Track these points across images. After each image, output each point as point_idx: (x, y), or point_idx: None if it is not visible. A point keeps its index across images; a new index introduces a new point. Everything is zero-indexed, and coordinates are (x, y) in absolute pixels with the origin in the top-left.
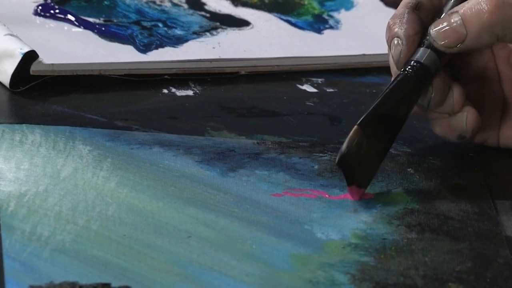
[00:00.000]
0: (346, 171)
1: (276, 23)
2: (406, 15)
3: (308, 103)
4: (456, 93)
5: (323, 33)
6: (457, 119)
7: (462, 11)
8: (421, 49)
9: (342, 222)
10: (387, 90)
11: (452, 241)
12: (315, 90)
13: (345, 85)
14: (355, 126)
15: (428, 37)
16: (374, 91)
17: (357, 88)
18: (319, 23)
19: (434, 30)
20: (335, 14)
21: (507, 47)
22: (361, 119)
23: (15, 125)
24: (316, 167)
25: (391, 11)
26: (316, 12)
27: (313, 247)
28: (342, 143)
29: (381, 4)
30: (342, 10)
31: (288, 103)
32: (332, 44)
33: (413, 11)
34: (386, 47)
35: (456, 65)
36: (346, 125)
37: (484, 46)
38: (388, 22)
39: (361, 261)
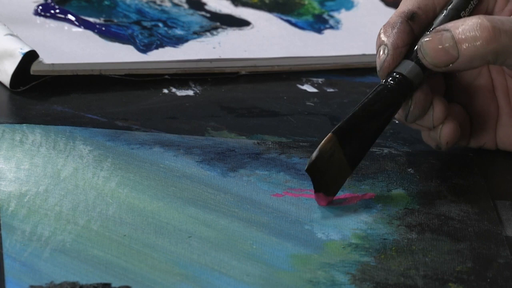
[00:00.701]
0: (315, 178)
1: (277, 23)
2: (398, 25)
3: (308, 103)
4: (436, 110)
5: (323, 33)
6: (434, 130)
7: (457, 33)
8: (407, 61)
9: (343, 222)
10: (366, 100)
11: (452, 241)
12: (315, 90)
13: (345, 85)
14: (329, 134)
15: (416, 50)
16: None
17: (357, 88)
18: (319, 23)
19: (425, 47)
20: (335, 14)
21: None
22: (336, 127)
23: (16, 125)
24: None
25: (391, 11)
26: (316, 12)
27: (313, 247)
28: None
29: (382, 4)
30: (343, 10)
31: (288, 103)
32: (333, 44)
33: (406, 21)
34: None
35: (450, 73)
36: None
37: (473, 68)
38: (380, 29)
39: (362, 261)
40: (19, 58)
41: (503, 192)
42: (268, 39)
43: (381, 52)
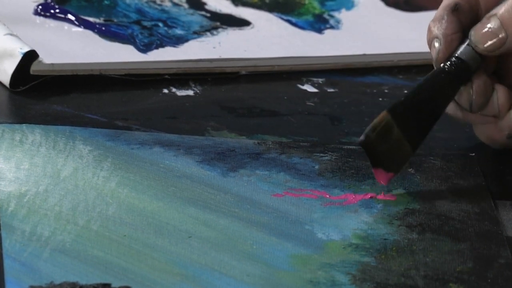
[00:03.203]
0: (371, 153)
1: (277, 23)
2: (445, 17)
3: (308, 103)
4: (501, 95)
5: (323, 33)
6: (503, 118)
7: (500, 15)
8: (462, 46)
9: (343, 222)
10: (422, 81)
11: (453, 242)
12: (315, 90)
13: (346, 85)
14: (384, 111)
15: (469, 38)
16: (374, 91)
17: (357, 88)
18: (319, 23)
19: (474, 35)
20: (335, 14)
21: None
22: (391, 105)
23: (15, 124)
24: (316, 167)
25: (391, 11)
26: (316, 11)
27: (313, 247)
28: (343, 143)
29: (382, 4)
30: (343, 10)
31: (288, 103)
32: (333, 44)
33: (451, 13)
34: (387, 47)
35: (502, 67)
36: (347, 125)
37: None
38: (429, 25)
39: (362, 262)
40: (18, 57)
41: (503, 192)
42: (268, 39)
43: (435, 44)
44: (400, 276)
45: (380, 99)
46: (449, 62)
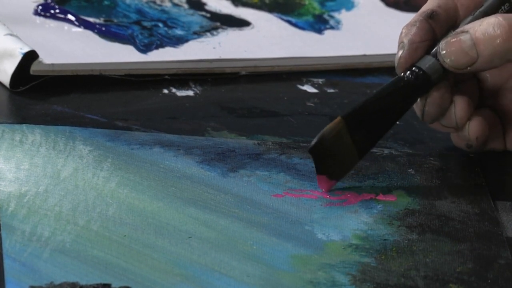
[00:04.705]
0: (318, 159)
1: (277, 23)
2: (418, 23)
3: (308, 104)
4: (458, 108)
5: (323, 33)
6: (461, 129)
7: (474, 34)
8: (427, 57)
9: (343, 223)
10: (380, 90)
11: (453, 242)
12: (315, 91)
13: (346, 86)
14: (338, 117)
15: (437, 50)
16: (374, 91)
17: (357, 88)
18: (319, 23)
19: (444, 49)
20: (335, 14)
21: None
22: (346, 112)
23: (15, 125)
24: None
25: (392, 12)
26: (316, 12)
27: (313, 248)
28: None
29: (382, 5)
30: (343, 10)
31: (288, 104)
32: (333, 44)
33: (426, 19)
34: (387, 47)
35: (475, 74)
36: None
37: (494, 67)
38: (402, 29)
39: (362, 262)
40: (19, 58)
41: (503, 193)
42: (268, 39)
43: (399, 49)
44: (400, 276)
45: None
46: (409, 72)
